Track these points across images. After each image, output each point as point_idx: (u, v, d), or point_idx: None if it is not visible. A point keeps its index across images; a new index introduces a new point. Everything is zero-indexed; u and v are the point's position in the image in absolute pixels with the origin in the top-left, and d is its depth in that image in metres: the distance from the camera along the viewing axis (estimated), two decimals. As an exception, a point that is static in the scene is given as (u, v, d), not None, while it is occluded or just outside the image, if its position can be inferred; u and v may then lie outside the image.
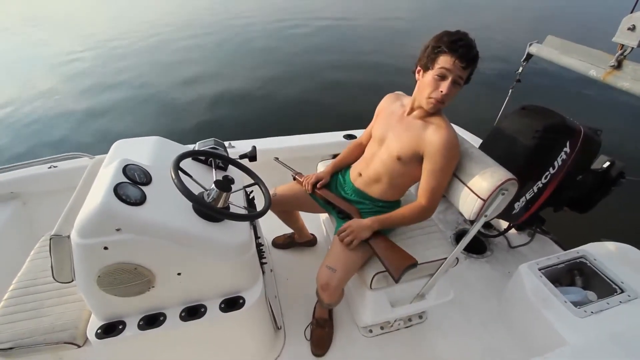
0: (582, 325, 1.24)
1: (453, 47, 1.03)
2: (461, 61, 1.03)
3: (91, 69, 6.79)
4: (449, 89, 1.07)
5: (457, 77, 1.06)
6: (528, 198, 1.58)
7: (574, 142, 1.50)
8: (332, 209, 1.43)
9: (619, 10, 1.78)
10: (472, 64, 1.05)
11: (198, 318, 1.05)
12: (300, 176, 1.49)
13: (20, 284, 1.18)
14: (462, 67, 1.04)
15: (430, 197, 1.16)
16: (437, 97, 1.10)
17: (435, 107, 1.13)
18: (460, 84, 1.09)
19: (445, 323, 1.59)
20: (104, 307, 1.01)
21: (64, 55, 7.70)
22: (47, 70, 6.93)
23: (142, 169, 1.01)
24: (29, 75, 6.70)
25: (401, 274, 1.12)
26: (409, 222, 1.24)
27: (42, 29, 10.98)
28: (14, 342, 1.02)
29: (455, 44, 1.03)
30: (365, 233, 1.18)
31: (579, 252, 1.53)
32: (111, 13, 13.35)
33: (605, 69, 1.42)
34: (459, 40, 1.03)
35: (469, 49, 1.03)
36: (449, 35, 1.05)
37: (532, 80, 5.10)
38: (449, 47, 1.03)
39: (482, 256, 1.94)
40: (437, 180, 1.14)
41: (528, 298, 1.40)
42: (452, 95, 1.10)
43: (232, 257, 1.03)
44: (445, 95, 1.08)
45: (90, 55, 7.63)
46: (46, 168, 1.85)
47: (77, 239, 0.85)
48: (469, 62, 1.04)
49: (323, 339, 1.47)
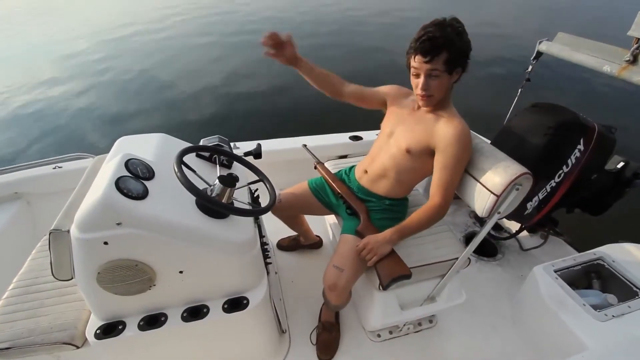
0: (603, 330, 1.18)
1: (415, 46, 1.05)
2: (423, 56, 1.03)
3: (94, 65, 6.87)
4: (423, 84, 1.08)
5: (428, 72, 1.06)
6: (541, 198, 1.53)
7: (588, 140, 1.45)
8: (339, 205, 1.39)
9: (632, 3, 1.74)
10: (436, 54, 1.03)
11: (200, 319, 1.01)
12: (322, 166, 1.49)
13: (21, 283, 1.16)
14: (425, 62, 1.04)
15: (444, 192, 1.12)
16: (419, 94, 1.12)
17: (426, 103, 1.14)
18: (438, 75, 1.07)
19: (456, 327, 1.53)
20: (103, 307, 0.98)
21: (68, 48, 7.81)
22: (50, 64, 7.01)
23: (144, 164, 0.99)
24: (29, 69, 6.78)
25: (390, 281, 1.08)
26: (427, 225, 1.17)
27: (46, 21, 11.14)
28: (11, 342, 1.00)
29: (417, 41, 1.04)
30: (386, 248, 1.13)
31: (596, 254, 1.47)
32: (118, 7, 13.48)
33: (620, 64, 1.38)
34: (422, 36, 1.03)
35: (430, 42, 1.02)
36: (417, 33, 1.06)
37: (543, 79, 5.02)
38: (413, 47, 1.06)
39: (493, 259, 1.88)
40: (450, 175, 1.10)
41: (544, 301, 1.34)
42: (434, 87, 1.09)
43: (235, 254, 1.00)
44: (423, 89, 1.09)
45: (94, 49, 7.72)
46: (51, 169, 1.85)
47: (77, 234, 0.82)
48: (432, 54, 1.02)
49: (329, 343, 1.42)
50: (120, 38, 8.60)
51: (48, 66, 6.90)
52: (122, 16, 11.25)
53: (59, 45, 8.22)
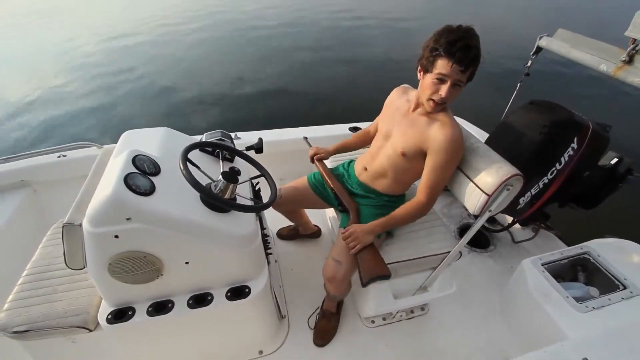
0: (583, 320, 1.25)
1: (450, 51, 0.98)
2: (459, 65, 1.00)
3: (99, 61, 6.83)
4: (447, 93, 1.05)
5: (456, 81, 1.04)
6: (533, 193, 1.58)
7: (582, 138, 1.48)
8: (334, 201, 1.44)
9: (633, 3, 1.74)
10: (471, 66, 1.01)
11: (205, 306, 1.08)
12: (320, 161, 1.53)
13: (34, 270, 1.22)
14: (460, 71, 1.01)
15: (430, 193, 1.17)
16: (436, 100, 1.09)
17: (436, 109, 1.13)
18: (461, 86, 1.07)
19: (447, 316, 1.61)
20: (114, 294, 1.04)
21: (72, 48, 7.72)
22: (54, 62, 6.96)
23: (151, 160, 1.03)
24: (35, 69, 6.73)
25: (370, 280, 1.14)
26: (409, 220, 1.25)
27: (50, 21, 10.96)
28: (28, 325, 1.06)
29: (452, 46, 0.98)
30: (368, 238, 1.19)
31: (583, 248, 1.53)
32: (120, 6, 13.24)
33: (616, 63, 1.40)
34: (457, 41, 0.98)
35: (466, 51, 0.98)
36: (448, 35, 1.00)
37: (542, 75, 5.00)
38: (446, 50, 0.99)
39: (485, 250, 1.94)
40: (438, 177, 1.15)
41: (530, 293, 1.41)
42: (453, 97, 1.09)
43: (238, 247, 1.05)
44: (445, 99, 1.07)
45: (97, 48, 7.65)
46: (55, 157, 1.88)
47: (89, 228, 0.87)
48: (468, 65, 1.00)
49: (327, 330, 1.50)
50: (120, 38, 8.45)
51: (54, 66, 6.83)
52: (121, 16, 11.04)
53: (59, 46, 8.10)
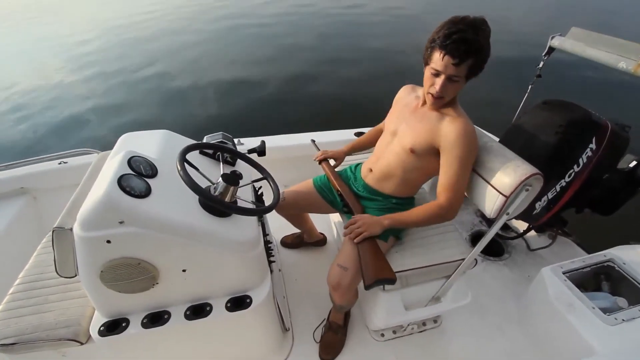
0: (613, 334, 1.16)
1: (444, 43, 0.95)
2: (452, 58, 0.96)
3: (100, 60, 6.92)
4: (441, 87, 1.02)
5: (450, 75, 0.99)
6: (550, 197, 1.50)
7: (601, 138, 1.41)
8: (339, 203, 1.38)
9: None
10: (465, 60, 0.96)
11: (203, 317, 1.01)
12: (326, 162, 1.48)
13: (26, 279, 1.17)
14: (453, 65, 0.97)
15: (451, 195, 1.07)
16: (433, 93, 1.06)
17: (435, 103, 1.09)
18: (458, 80, 1.02)
19: (461, 328, 1.51)
20: (107, 304, 0.98)
21: (73, 44, 7.85)
22: (54, 61, 7.07)
23: (147, 161, 0.98)
24: (35, 67, 6.84)
25: (373, 283, 1.05)
26: (425, 223, 1.15)
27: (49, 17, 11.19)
28: (16, 337, 1.00)
29: (447, 38, 0.95)
30: (377, 228, 1.11)
31: (606, 256, 1.44)
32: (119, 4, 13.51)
33: (637, 60, 1.33)
34: (454, 33, 0.94)
35: (460, 44, 0.94)
36: (449, 27, 0.96)
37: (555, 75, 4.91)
38: (440, 43, 0.97)
39: (500, 259, 1.85)
40: (457, 175, 1.06)
41: (551, 303, 1.31)
42: (450, 91, 1.04)
43: (239, 253, 0.99)
44: (440, 92, 1.03)
45: (99, 44, 7.77)
46: (56, 164, 1.86)
47: (80, 232, 0.82)
48: (461, 59, 0.95)
49: (334, 344, 1.41)
50: (120, 36, 8.62)
51: (55, 61, 6.95)
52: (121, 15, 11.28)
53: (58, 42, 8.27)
